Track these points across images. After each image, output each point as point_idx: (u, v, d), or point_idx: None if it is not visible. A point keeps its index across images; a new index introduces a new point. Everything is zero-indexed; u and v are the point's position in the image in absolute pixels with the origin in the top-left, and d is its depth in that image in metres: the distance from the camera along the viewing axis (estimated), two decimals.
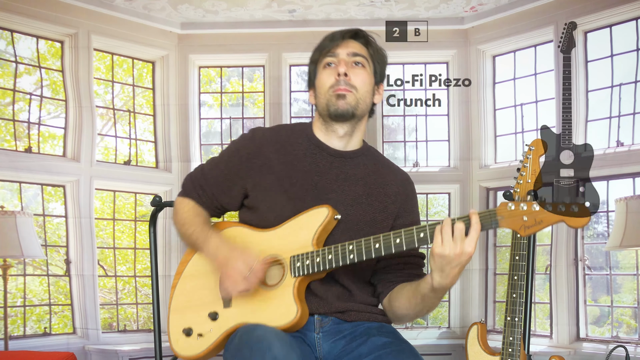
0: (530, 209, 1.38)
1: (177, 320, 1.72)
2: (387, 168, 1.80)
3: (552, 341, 3.99)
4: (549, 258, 4.05)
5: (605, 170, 3.80)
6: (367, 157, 1.78)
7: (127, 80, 4.64)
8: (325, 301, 1.65)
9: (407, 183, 1.80)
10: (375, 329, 1.64)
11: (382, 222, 1.71)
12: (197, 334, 1.66)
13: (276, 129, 1.79)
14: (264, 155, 1.72)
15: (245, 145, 1.75)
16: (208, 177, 1.77)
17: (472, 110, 4.43)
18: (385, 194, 1.73)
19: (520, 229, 1.39)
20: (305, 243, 1.60)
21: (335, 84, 1.68)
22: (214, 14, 4.28)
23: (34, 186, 4.18)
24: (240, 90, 4.83)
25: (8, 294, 3.59)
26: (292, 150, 1.73)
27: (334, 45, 1.70)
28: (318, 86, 1.73)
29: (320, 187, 1.69)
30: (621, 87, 3.89)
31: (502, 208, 1.41)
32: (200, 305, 1.69)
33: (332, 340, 1.64)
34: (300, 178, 1.69)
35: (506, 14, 4.20)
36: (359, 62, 1.72)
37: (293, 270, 1.59)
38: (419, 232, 1.48)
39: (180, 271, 1.77)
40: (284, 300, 1.58)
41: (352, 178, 1.72)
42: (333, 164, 1.72)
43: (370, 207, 1.71)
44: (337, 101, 1.67)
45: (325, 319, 1.65)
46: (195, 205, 1.79)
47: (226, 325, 1.63)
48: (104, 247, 4.66)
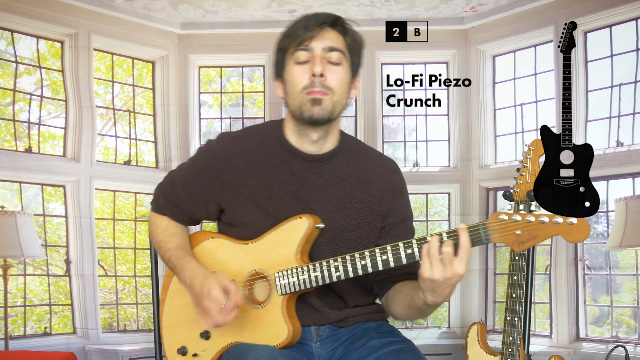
0: (524, 220, 1.27)
1: (170, 338, 1.69)
2: (369, 162, 1.65)
3: (551, 341, 3.99)
4: (548, 258, 4.05)
5: (605, 170, 3.80)
6: (346, 153, 1.64)
7: (127, 80, 4.64)
8: (320, 313, 1.60)
9: (392, 174, 1.67)
10: (373, 330, 1.61)
11: (369, 224, 1.61)
12: (192, 353, 1.64)
13: (245, 135, 1.65)
14: (234, 169, 1.60)
15: (214, 158, 1.61)
16: (179, 193, 1.67)
17: (472, 110, 4.43)
18: (369, 193, 1.61)
19: (513, 244, 1.29)
20: (289, 257, 1.52)
21: (310, 85, 1.51)
22: (214, 14, 4.28)
23: (34, 186, 4.19)
24: (240, 90, 4.84)
25: (8, 293, 3.59)
26: (265, 159, 1.60)
27: (308, 37, 1.51)
28: (289, 82, 1.55)
29: (300, 196, 1.58)
30: (621, 87, 3.90)
31: (493, 220, 1.31)
32: (192, 322, 1.64)
33: (330, 348, 1.61)
34: (277, 189, 1.58)
35: (506, 14, 4.20)
36: (336, 59, 1.54)
37: (279, 288, 1.52)
38: (406, 249, 1.40)
39: (167, 285, 1.72)
40: (273, 319, 1.53)
41: (331, 181, 1.60)
42: (310, 169, 1.60)
43: (354, 210, 1.60)
44: (312, 107, 1.52)
45: (322, 327, 1.62)
46: (169, 224, 1.70)
47: (220, 344, 1.60)
48: (104, 247, 4.66)
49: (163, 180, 1.73)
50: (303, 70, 1.53)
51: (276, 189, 1.58)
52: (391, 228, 1.64)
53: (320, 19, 1.54)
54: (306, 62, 1.53)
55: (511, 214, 1.29)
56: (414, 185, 4.50)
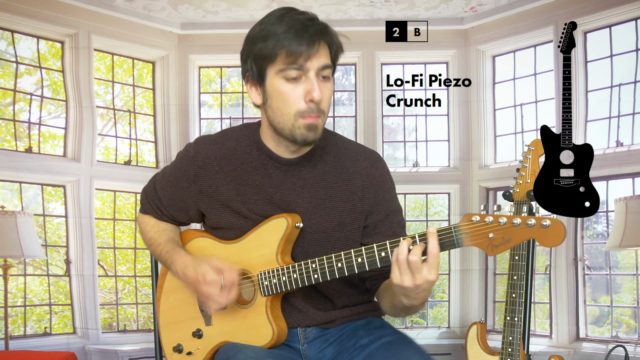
0: (497, 222, 1.22)
1: (166, 336, 1.72)
2: (348, 157, 1.58)
3: (551, 341, 4.00)
4: (548, 258, 4.05)
5: (604, 170, 3.80)
6: (324, 150, 1.57)
7: (128, 81, 4.64)
8: (305, 314, 1.58)
9: (373, 168, 1.58)
10: (362, 329, 1.58)
11: (351, 223, 1.56)
12: (186, 352, 1.66)
13: (221, 140, 1.59)
14: (208, 176, 1.57)
15: (191, 164, 1.59)
16: (162, 198, 1.68)
17: (472, 111, 4.43)
18: (350, 191, 1.55)
19: (487, 248, 1.24)
20: (270, 258, 1.51)
21: (307, 111, 1.42)
22: (214, 15, 4.28)
23: (34, 186, 4.19)
24: (240, 91, 4.84)
25: (8, 293, 3.59)
26: (239, 164, 1.56)
27: (304, 56, 1.39)
28: (276, 98, 1.43)
29: (277, 200, 1.54)
30: (621, 87, 3.90)
31: (465, 222, 1.25)
32: (185, 320, 1.67)
33: (318, 350, 1.60)
34: (253, 194, 1.55)
35: (506, 14, 4.21)
36: (327, 74, 1.43)
37: (262, 289, 1.52)
38: (380, 252, 1.36)
39: (161, 284, 1.75)
40: (258, 320, 1.53)
41: (310, 182, 1.54)
42: (287, 173, 1.55)
43: (335, 209, 1.54)
44: (308, 132, 1.43)
45: (309, 329, 1.60)
46: (157, 222, 1.72)
47: (211, 343, 1.62)
48: (104, 247, 4.67)
49: (148, 183, 1.74)
50: (295, 89, 1.41)
51: (251, 194, 1.55)
52: (376, 226, 1.59)
53: (313, 32, 1.40)
54: (297, 78, 1.41)
55: (484, 215, 1.24)
56: (413, 185, 4.51)
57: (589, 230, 4.23)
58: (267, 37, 1.40)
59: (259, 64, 1.43)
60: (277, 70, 1.41)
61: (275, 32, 1.39)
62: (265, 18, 1.45)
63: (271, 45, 1.39)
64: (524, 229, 1.20)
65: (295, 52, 1.38)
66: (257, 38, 1.42)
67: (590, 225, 4.27)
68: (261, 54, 1.41)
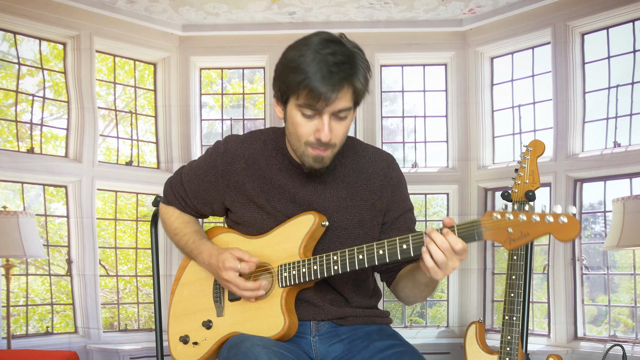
0: (517, 219, 1.28)
1: (175, 327, 1.76)
2: (366, 159, 1.68)
3: (550, 340, 4.01)
4: (546, 258, 4.07)
5: (602, 171, 3.82)
6: (342, 154, 1.66)
7: (129, 82, 4.67)
8: (320, 308, 1.64)
9: (390, 170, 1.69)
10: (376, 333, 1.64)
11: (371, 220, 1.65)
12: (192, 342, 1.70)
13: (249, 140, 1.69)
14: (236, 172, 1.66)
15: (220, 160, 1.67)
16: (187, 190, 1.75)
17: (470, 112, 4.45)
18: (370, 190, 1.65)
19: (505, 242, 1.29)
20: (293, 252, 1.58)
21: (315, 144, 1.50)
22: (214, 16, 4.30)
23: (36, 186, 4.20)
24: (241, 92, 4.86)
25: (10, 293, 3.60)
26: (265, 165, 1.65)
27: (322, 103, 1.43)
28: (291, 123, 1.52)
29: (299, 199, 1.63)
30: (618, 89, 3.92)
31: (487, 218, 1.32)
32: (196, 312, 1.72)
33: (329, 344, 1.64)
34: (277, 193, 1.64)
35: (504, 16, 4.22)
36: (343, 115, 1.49)
37: (280, 280, 1.58)
38: (402, 244, 1.43)
39: (178, 277, 1.80)
40: (272, 311, 1.58)
41: (331, 184, 1.64)
42: (309, 177, 1.64)
43: (356, 208, 1.64)
44: (314, 162, 1.53)
45: (322, 323, 1.65)
46: (181, 213, 1.79)
47: (219, 334, 1.66)
48: (106, 247, 4.68)
49: (174, 175, 1.81)
50: (308, 124, 1.49)
51: (275, 193, 1.64)
52: (392, 223, 1.69)
53: (337, 79, 1.42)
54: (312, 116, 1.47)
55: (504, 212, 1.30)
56: (412, 186, 4.48)
57: (587, 230, 4.25)
58: (297, 70, 1.44)
59: (283, 90, 1.50)
60: (297, 103, 1.47)
61: (305, 69, 1.43)
62: (306, 44, 1.47)
63: (298, 81, 1.43)
64: (543, 225, 1.26)
65: (315, 97, 1.42)
66: (290, 67, 1.46)
67: (588, 226, 4.30)
68: (287, 83, 1.47)
